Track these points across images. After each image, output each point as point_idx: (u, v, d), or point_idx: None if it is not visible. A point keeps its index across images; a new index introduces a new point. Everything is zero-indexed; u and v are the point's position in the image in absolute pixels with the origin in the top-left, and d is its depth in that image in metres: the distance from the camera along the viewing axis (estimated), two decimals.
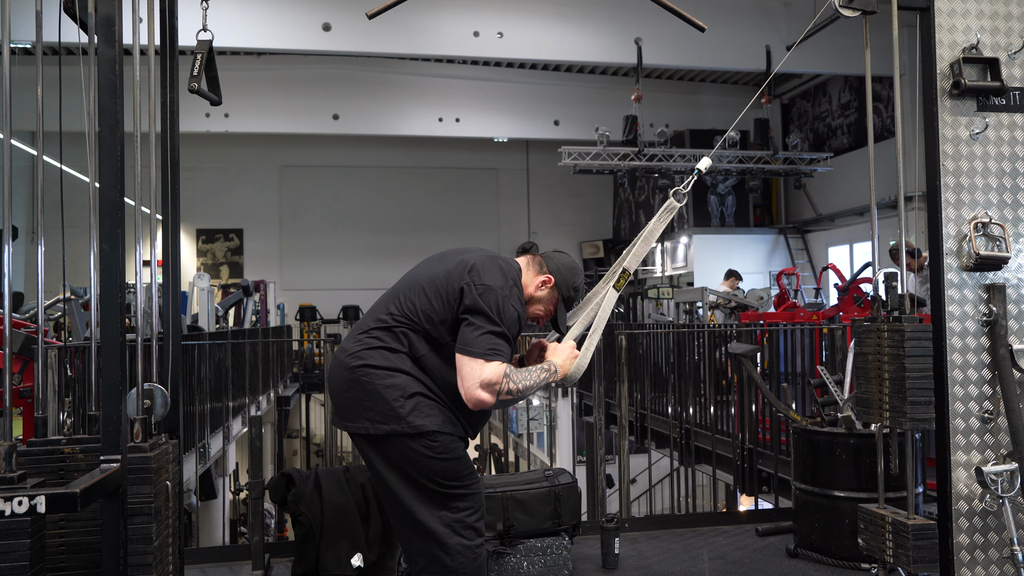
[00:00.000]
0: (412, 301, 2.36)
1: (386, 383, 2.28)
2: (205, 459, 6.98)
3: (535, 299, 2.49)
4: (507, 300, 2.30)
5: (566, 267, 2.53)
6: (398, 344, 2.32)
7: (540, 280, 2.49)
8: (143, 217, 2.36)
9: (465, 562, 2.27)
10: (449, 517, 2.28)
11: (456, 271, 2.35)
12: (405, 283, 2.44)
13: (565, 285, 2.51)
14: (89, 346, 2.57)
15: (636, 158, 12.31)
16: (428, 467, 2.27)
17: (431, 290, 2.35)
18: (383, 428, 2.26)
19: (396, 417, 2.25)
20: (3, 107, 2.10)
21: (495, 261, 2.40)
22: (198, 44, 2.60)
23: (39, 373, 2.36)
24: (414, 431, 2.25)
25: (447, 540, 2.26)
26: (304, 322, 15.14)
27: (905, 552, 2.68)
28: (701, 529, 4.31)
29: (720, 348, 6.90)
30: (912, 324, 2.70)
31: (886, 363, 2.77)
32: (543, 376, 2.36)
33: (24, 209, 13.14)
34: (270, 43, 10.49)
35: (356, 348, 2.35)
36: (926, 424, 2.69)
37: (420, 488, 2.29)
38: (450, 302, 2.31)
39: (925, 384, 2.69)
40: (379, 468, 2.33)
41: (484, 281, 2.30)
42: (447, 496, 2.29)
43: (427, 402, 2.29)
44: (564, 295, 2.52)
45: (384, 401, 2.27)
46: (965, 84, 2.80)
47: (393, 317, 2.36)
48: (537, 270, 2.51)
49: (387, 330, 2.34)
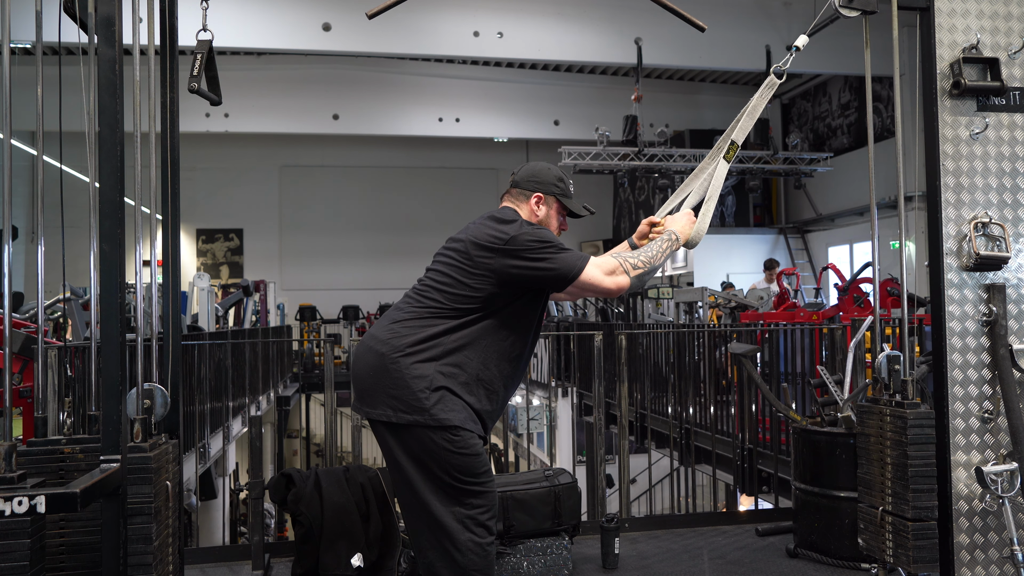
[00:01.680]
0: (438, 287, 2.37)
1: (414, 373, 2.28)
2: (205, 459, 6.98)
3: (544, 222, 2.53)
4: (534, 229, 2.37)
5: (538, 176, 2.56)
6: (430, 333, 2.32)
7: (532, 203, 2.53)
8: (143, 217, 2.36)
9: (475, 559, 2.28)
10: (462, 513, 2.29)
11: (469, 247, 2.35)
12: (429, 273, 2.46)
13: (551, 187, 2.54)
14: (89, 346, 2.56)
15: (636, 158, 12.31)
16: (447, 461, 2.27)
17: (454, 272, 2.36)
18: (406, 418, 2.27)
19: (420, 409, 2.26)
20: (3, 107, 2.10)
21: (492, 219, 2.42)
22: (198, 44, 2.60)
23: (39, 373, 2.36)
24: (437, 424, 2.25)
25: (458, 536, 2.27)
26: (304, 322, 15.14)
27: (905, 552, 2.68)
28: (701, 529, 4.31)
29: (720, 348, 6.90)
30: (915, 411, 2.68)
31: (888, 447, 2.77)
32: (665, 245, 2.46)
33: (24, 209, 13.14)
34: (270, 43, 10.50)
35: (387, 336, 2.35)
36: (929, 512, 2.67)
37: (436, 481, 2.29)
38: (483, 274, 2.33)
39: (928, 471, 2.68)
40: (397, 458, 2.33)
41: (503, 234, 2.34)
42: (462, 492, 2.29)
43: (452, 398, 2.29)
44: (557, 194, 2.55)
45: (410, 391, 2.27)
46: (965, 84, 2.80)
47: (424, 306, 2.37)
48: (523, 198, 2.54)
49: (418, 319, 2.35)
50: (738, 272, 14.07)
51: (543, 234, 2.36)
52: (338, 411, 4.87)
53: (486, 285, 2.33)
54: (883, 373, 2.81)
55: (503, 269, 2.31)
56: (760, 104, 2.75)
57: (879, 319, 3.47)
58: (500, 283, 2.32)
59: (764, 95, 2.75)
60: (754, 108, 2.74)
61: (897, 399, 2.76)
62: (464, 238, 2.40)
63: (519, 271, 2.32)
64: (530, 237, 2.33)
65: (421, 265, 2.57)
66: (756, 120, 2.77)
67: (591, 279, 2.31)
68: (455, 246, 2.42)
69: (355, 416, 4.46)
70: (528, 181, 2.55)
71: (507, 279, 2.32)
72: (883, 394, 2.85)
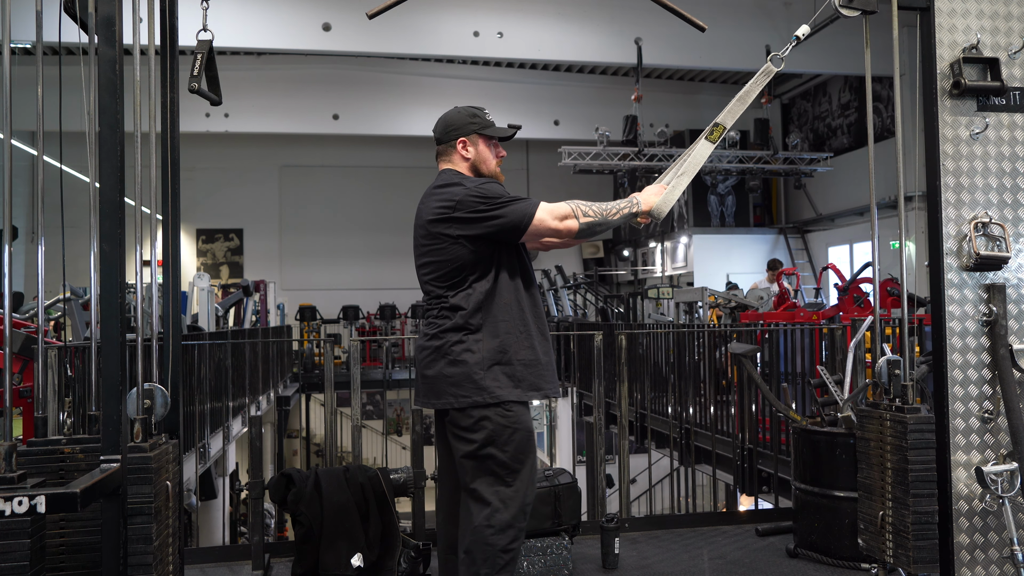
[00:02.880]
0: (428, 273, 2.50)
1: (462, 357, 2.41)
2: (205, 459, 6.98)
3: (479, 161, 2.57)
4: (477, 186, 2.44)
5: (452, 123, 2.58)
6: (454, 318, 2.43)
7: (460, 149, 2.57)
8: (143, 217, 2.36)
9: (505, 539, 2.36)
10: (505, 493, 2.39)
11: (426, 225, 2.47)
12: (416, 264, 2.57)
13: (468, 127, 2.56)
14: (89, 346, 2.57)
15: (636, 158, 12.31)
16: (501, 438, 2.39)
17: (428, 255, 2.48)
18: (466, 400, 2.40)
19: (478, 388, 2.39)
20: (3, 107, 2.10)
21: (436, 189, 2.52)
22: (198, 44, 2.60)
23: (39, 373, 2.35)
24: (495, 400, 2.39)
25: (497, 513, 2.37)
26: (304, 322, 15.14)
27: (905, 552, 2.68)
28: (701, 529, 4.31)
29: (720, 348, 6.90)
30: (915, 415, 2.68)
31: (888, 452, 2.76)
32: (623, 204, 2.52)
33: (24, 209, 13.14)
34: (270, 43, 10.50)
35: (430, 331, 2.50)
36: (929, 517, 2.67)
37: (487, 462, 2.39)
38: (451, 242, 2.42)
39: (928, 476, 2.67)
40: (452, 441, 2.46)
41: (449, 200, 2.44)
42: (509, 472, 2.40)
43: (499, 369, 2.41)
44: (477, 129, 2.56)
45: (465, 375, 2.40)
46: (965, 84, 2.79)
47: (431, 295, 2.51)
48: (451, 151, 2.58)
49: (439, 309, 2.48)
50: (738, 272, 14.08)
51: (489, 189, 2.43)
52: (338, 411, 4.87)
53: (459, 250, 2.42)
54: (883, 377, 2.81)
55: (462, 232, 2.40)
56: (754, 90, 2.74)
57: (879, 319, 3.47)
58: (469, 244, 2.41)
59: (759, 81, 2.75)
60: (746, 93, 2.74)
61: (897, 404, 2.76)
62: (420, 222, 2.51)
63: (477, 230, 2.40)
64: (475, 195, 2.41)
65: None
66: (747, 106, 2.76)
67: (542, 223, 2.40)
68: (418, 233, 2.53)
69: (355, 416, 4.47)
70: (446, 133, 2.59)
71: (471, 239, 2.41)
72: (883, 398, 2.84)
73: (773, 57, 2.77)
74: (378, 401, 16.94)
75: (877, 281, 3.09)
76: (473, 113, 2.58)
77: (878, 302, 3.16)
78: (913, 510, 2.65)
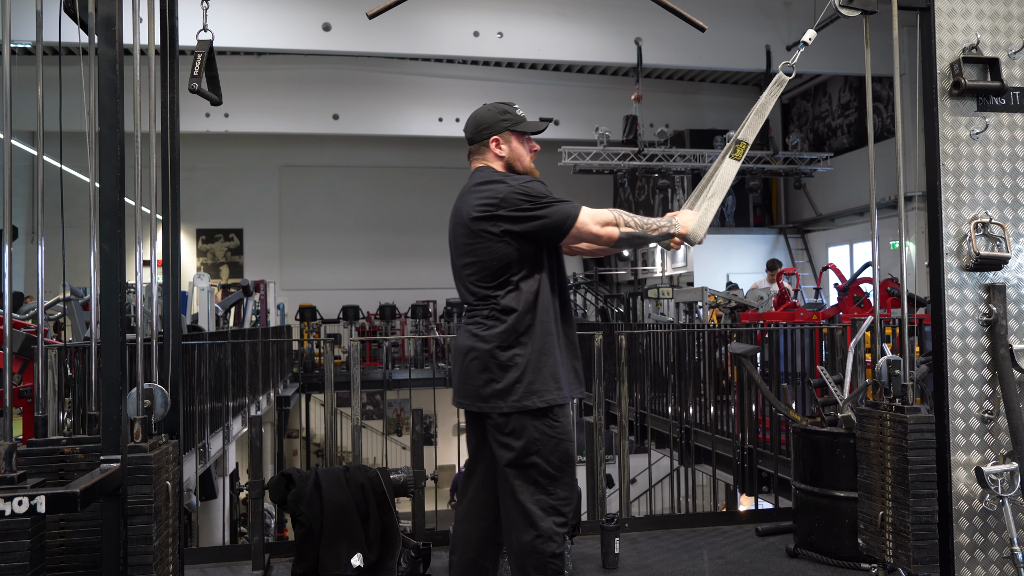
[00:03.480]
0: (472, 273, 2.45)
1: (513, 362, 2.38)
2: (205, 459, 6.98)
3: (513, 158, 2.53)
4: (521, 184, 2.41)
5: (483, 121, 2.54)
6: (507, 320, 2.39)
7: (493, 148, 2.53)
8: (143, 217, 2.36)
9: (552, 546, 2.38)
10: (546, 502, 2.39)
11: (468, 223, 2.43)
12: (454, 266, 2.54)
13: (499, 125, 2.52)
14: (89, 346, 2.57)
15: (636, 158, 12.30)
16: (546, 446, 2.38)
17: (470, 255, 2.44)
18: (516, 406, 2.36)
19: (527, 394, 2.37)
20: (3, 107, 2.10)
21: (476, 187, 2.47)
22: (198, 44, 2.60)
23: (39, 373, 2.35)
24: (544, 405, 2.37)
25: (540, 523, 2.37)
26: (304, 322, 15.14)
27: (905, 552, 2.68)
28: (701, 529, 4.31)
29: (720, 348, 6.90)
30: (915, 415, 2.68)
31: (888, 452, 2.76)
32: (663, 222, 2.50)
33: (24, 209, 13.14)
34: (270, 43, 10.49)
35: (478, 331, 2.44)
36: (929, 517, 2.67)
37: (530, 470, 2.38)
38: (495, 240, 2.39)
39: (928, 476, 2.67)
40: (496, 448, 2.44)
41: (493, 197, 2.39)
42: (552, 480, 2.40)
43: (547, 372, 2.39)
44: (508, 126, 2.52)
45: (515, 380, 2.37)
46: (965, 84, 2.79)
47: (476, 296, 2.45)
48: (484, 150, 2.55)
49: (490, 309, 2.42)
50: (738, 272, 14.07)
51: (533, 188, 2.40)
52: (338, 411, 4.87)
53: (504, 248, 2.39)
54: (883, 378, 2.81)
55: (507, 228, 2.37)
56: (769, 102, 2.74)
57: (879, 319, 3.47)
58: (514, 242, 2.38)
59: (773, 93, 2.75)
60: (763, 106, 2.74)
61: (897, 404, 2.76)
62: (461, 220, 2.46)
63: (520, 228, 2.37)
64: (519, 193, 2.38)
65: (421, 265, 2.62)
66: (764, 119, 2.76)
67: (584, 226, 2.38)
68: (458, 232, 2.48)
69: (355, 416, 4.46)
70: (478, 132, 2.56)
71: (515, 236, 2.38)
72: (883, 398, 2.84)
73: (784, 66, 2.77)
74: (378, 401, 16.95)
75: (877, 281, 3.09)
76: (503, 110, 2.55)
77: (878, 302, 3.16)
78: (913, 510, 2.65)
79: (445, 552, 3.87)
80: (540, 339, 2.40)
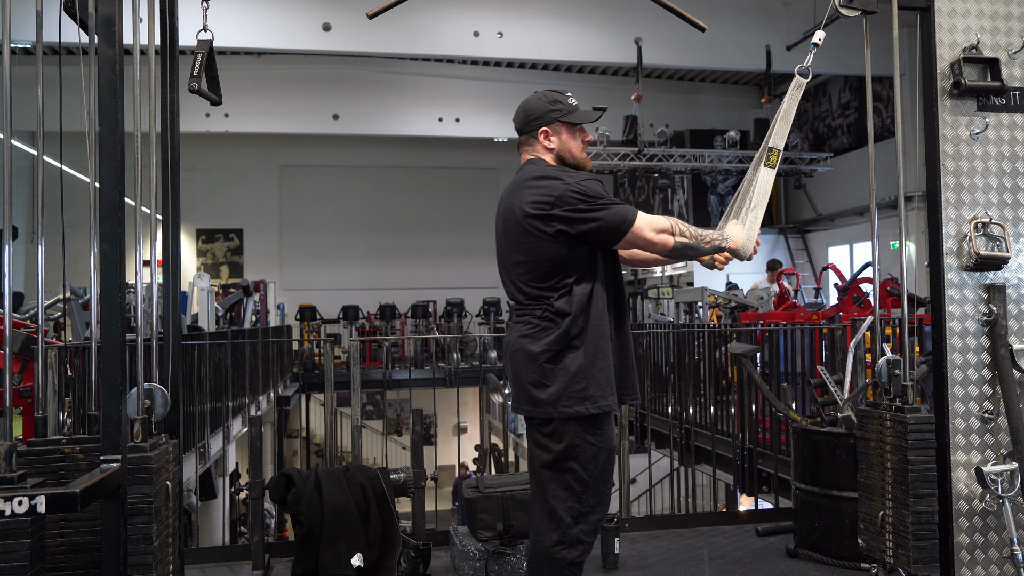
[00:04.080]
0: (523, 272, 2.37)
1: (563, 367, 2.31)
2: (205, 459, 6.97)
3: (564, 150, 2.45)
4: (578, 183, 2.32)
5: (532, 111, 2.46)
6: (560, 323, 2.33)
7: (542, 140, 2.45)
8: (143, 217, 2.36)
9: (574, 554, 2.34)
10: (577, 509, 2.35)
11: (521, 220, 2.34)
12: (501, 263, 2.47)
13: (549, 115, 2.44)
14: (89, 346, 2.57)
15: (636, 158, 12.30)
16: (586, 453, 2.33)
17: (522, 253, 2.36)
18: (566, 411, 2.31)
19: (578, 400, 2.30)
20: (3, 107, 2.10)
21: (529, 180, 2.38)
22: (198, 44, 2.60)
23: (39, 373, 2.36)
24: (595, 411, 2.31)
25: (568, 529, 2.33)
26: (304, 322, 15.14)
27: (905, 552, 2.68)
28: (701, 529, 4.31)
29: (720, 348, 6.90)
30: (915, 415, 2.68)
31: (888, 452, 2.76)
32: (716, 235, 2.45)
33: (24, 209, 13.14)
34: (270, 43, 10.49)
35: (528, 331, 2.37)
36: (929, 517, 2.67)
37: (565, 475, 2.34)
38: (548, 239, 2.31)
39: (928, 476, 2.67)
40: (533, 448, 2.40)
41: (548, 195, 2.31)
42: (587, 489, 2.35)
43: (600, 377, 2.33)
44: (559, 117, 2.44)
45: (566, 386, 2.30)
46: (965, 84, 2.79)
47: (528, 296, 2.38)
48: (533, 141, 2.47)
49: (543, 310, 2.35)
50: (738, 272, 14.06)
51: (590, 187, 2.32)
52: (338, 411, 4.87)
53: (558, 248, 2.31)
54: (883, 378, 2.81)
55: (561, 228, 2.29)
56: (792, 106, 2.72)
57: (879, 319, 3.47)
58: (568, 242, 2.31)
59: (794, 97, 2.73)
60: (787, 111, 2.72)
61: (897, 404, 2.76)
62: (512, 216, 2.37)
63: (575, 228, 2.30)
64: (576, 192, 2.30)
65: (421, 265, 2.61)
66: (791, 124, 2.74)
67: (640, 231, 2.32)
68: (509, 228, 2.39)
69: (355, 416, 4.46)
70: (527, 123, 2.47)
71: (569, 237, 2.31)
72: (883, 398, 2.84)
73: (800, 69, 2.77)
74: (378, 401, 16.95)
75: (877, 281, 3.09)
76: (554, 99, 2.45)
77: (878, 302, 3.16)
78: (913, 510, 2.65)
79: (445, 552, 3.88)
80: (593, 343, 2.32)
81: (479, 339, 14.48)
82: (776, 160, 2.66)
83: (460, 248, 17.93)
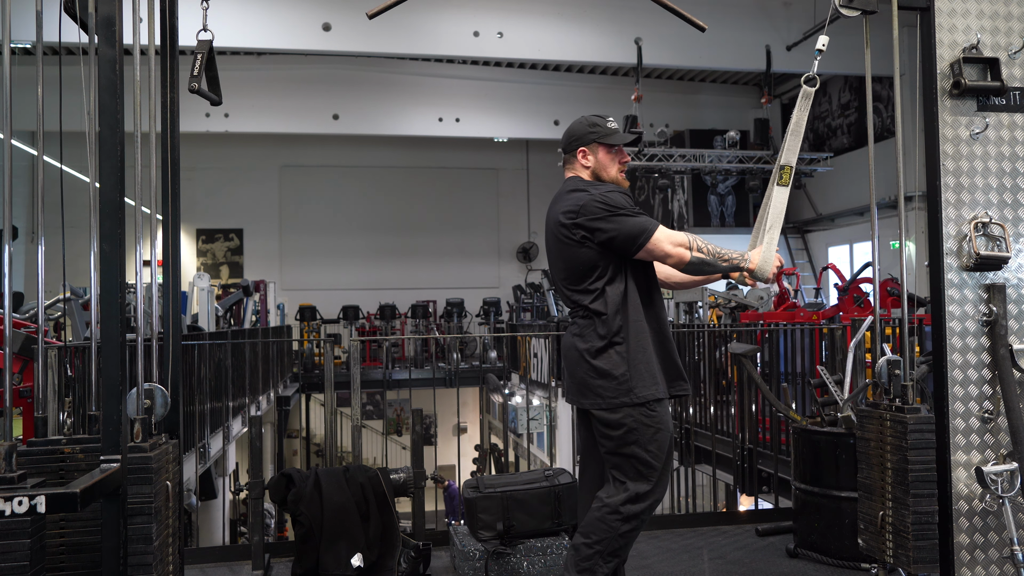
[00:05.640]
0: (563, 278, 2.61)
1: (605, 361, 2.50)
2: (205, 459, 6.98)
3: (599, 168, 2.66)
4: (602, 193, 2.53)
5: (573, 132, 2.69)
6: (596, 323, 2.53)
7: (580, 159, 2.67)
8: (143, 217, 2.36)
9: (627, 527, 2.49)
10: (643, 487, 2.51)
11: (556, 228, 2.59)
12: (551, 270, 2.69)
13: (587, 136, 2.65)
14: (89, 346, 2.57)
15: (636, 158, 12.30)
16: (644, 435, 2.49)
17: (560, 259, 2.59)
18: (615, 402, 2.49)
19: (623, 390, 2.48)
20: (3, 107, 2.10)
21: (564, 194, 2.61)
22: (198, 44, 2.60)
23: (39, 373, 2.36)
24: (640, 401, 2.48)
25: (631, 503, 2.49)
26: (304, 322, 15.14)
27: (905, 552, 2.68)
28: (701, 529, 4.31)
29: (720, 348, 6.90)
30: (915, 415, 2.68)
31: (888, 452, 2.77)
32: (734, 255, 2.57)
33: (24, 209, 13.14)
34: (270, 43, 10.49)
35: (575, 330, 2.60)
36: (929, 517, 2.67)
37: (630, 460, 2.50)
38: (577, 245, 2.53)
39: (928, 476, 2.68)
40: (598, 439, 2.56)
41: (575, 204, 2.53)
42: (650, 468, 2.50)
43: (643, 369, 2.50)
44: (596, 139, 2.64)
45: (610, 377, 2.49)
46: (965, 84, 2.79)
47: (569, 299, 2.61)
48: (573, 160, 2.69)
49: (584, 310, 2.56)
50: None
51: (612, 198, 2.52)
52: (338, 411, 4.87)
53: (587, 252, 2.52)
54: (883, 377, 2.81)
55: (585, 235, 2.50)
56: (802, 119, 2.74)
57: (879, 319, 3.47)
58: (595, 247, 2.51)
59: (803, 108, 2.75)
60: (797, 124, 2.74)
61: (897, 404, 2.76)
62: (551, 225, 2.61)
63: (596, 236, 2.49)
64: (598, 202, 2.51)
65: (421, 265, 2.64)
66: (801, 137, 2.75)
67: (657, 243, 2.48)
68: (549, 236, 2.63)
69: (355, 416, 4.47)
70: (569, 144, 2.70)
71: (594, 243, 2.50)
72: (883, 398, 2.84)
73: (807, 78, 2.79)
74: (378, 401, 16.94)
75: (877, 281, 3.09)
76: (593, 123, 2.67)
77: (878, 302, 3.16)
78: (913, 510, 2.65)
79: (445, 552, 3.88)
80: (634, 339, 2.50)
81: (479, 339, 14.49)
82: (789, 177, 2.69)
83: (460, 248, 17.93)
